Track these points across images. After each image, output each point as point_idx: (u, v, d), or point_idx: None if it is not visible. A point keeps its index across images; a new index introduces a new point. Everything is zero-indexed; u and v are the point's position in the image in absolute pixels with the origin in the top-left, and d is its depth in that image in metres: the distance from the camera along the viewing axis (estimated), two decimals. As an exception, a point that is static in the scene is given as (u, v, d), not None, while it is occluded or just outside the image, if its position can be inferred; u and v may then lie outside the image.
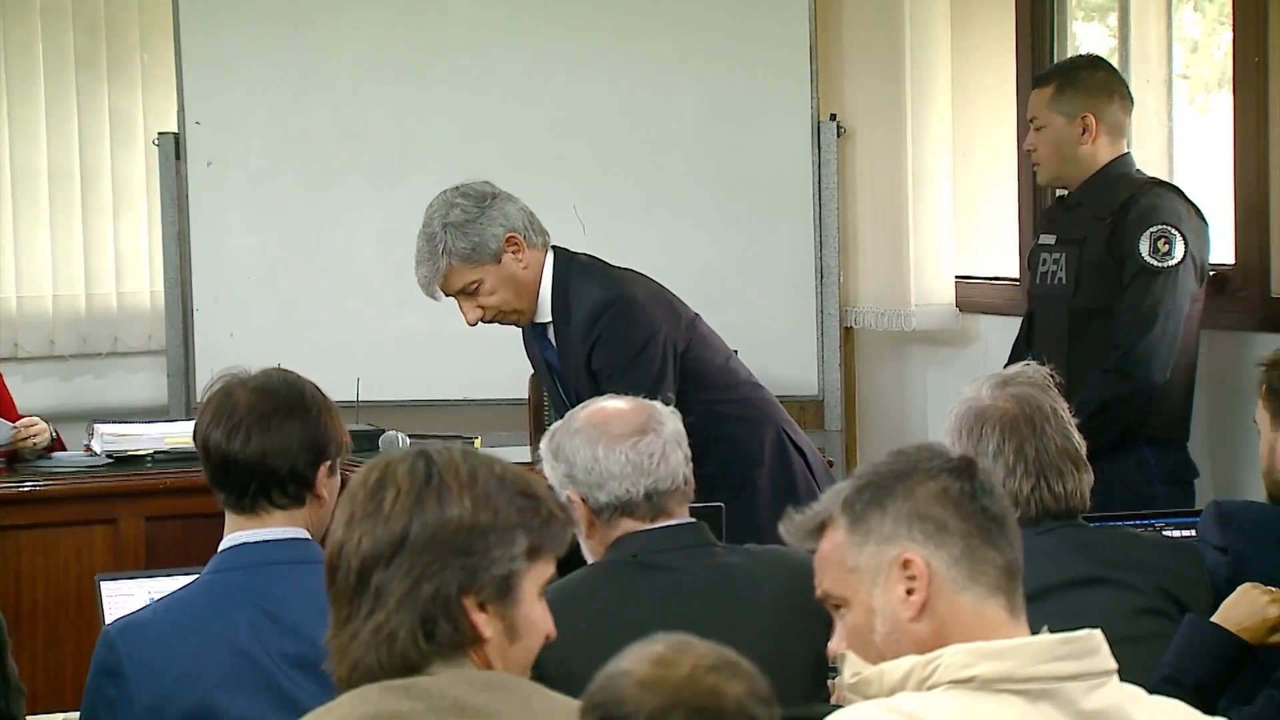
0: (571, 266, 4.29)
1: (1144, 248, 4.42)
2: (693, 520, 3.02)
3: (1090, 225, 4.56)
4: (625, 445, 2.97)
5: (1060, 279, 4.64)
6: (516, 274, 4.22)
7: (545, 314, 4.28)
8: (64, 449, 5.24)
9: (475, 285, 4.22)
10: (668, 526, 2.97)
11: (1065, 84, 4.65)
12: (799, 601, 2.94)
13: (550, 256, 4.28)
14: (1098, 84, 4.64)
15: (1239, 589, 2.94)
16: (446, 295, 4.27)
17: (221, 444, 2.85)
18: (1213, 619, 2.90)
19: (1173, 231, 4.43)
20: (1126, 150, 4.65)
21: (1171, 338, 4.41)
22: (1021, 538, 2.16)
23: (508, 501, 2.14)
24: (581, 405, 3.10)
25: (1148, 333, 4.37)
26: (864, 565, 2.12)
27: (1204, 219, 4.55)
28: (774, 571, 2.99)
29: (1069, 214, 4.68)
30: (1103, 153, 4.61)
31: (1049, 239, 4.71)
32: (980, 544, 2.10)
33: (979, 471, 2.14)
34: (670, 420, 3.04)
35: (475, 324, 4.30)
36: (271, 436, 2.84)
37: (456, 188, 4.28)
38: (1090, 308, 4.55)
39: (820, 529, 2.17)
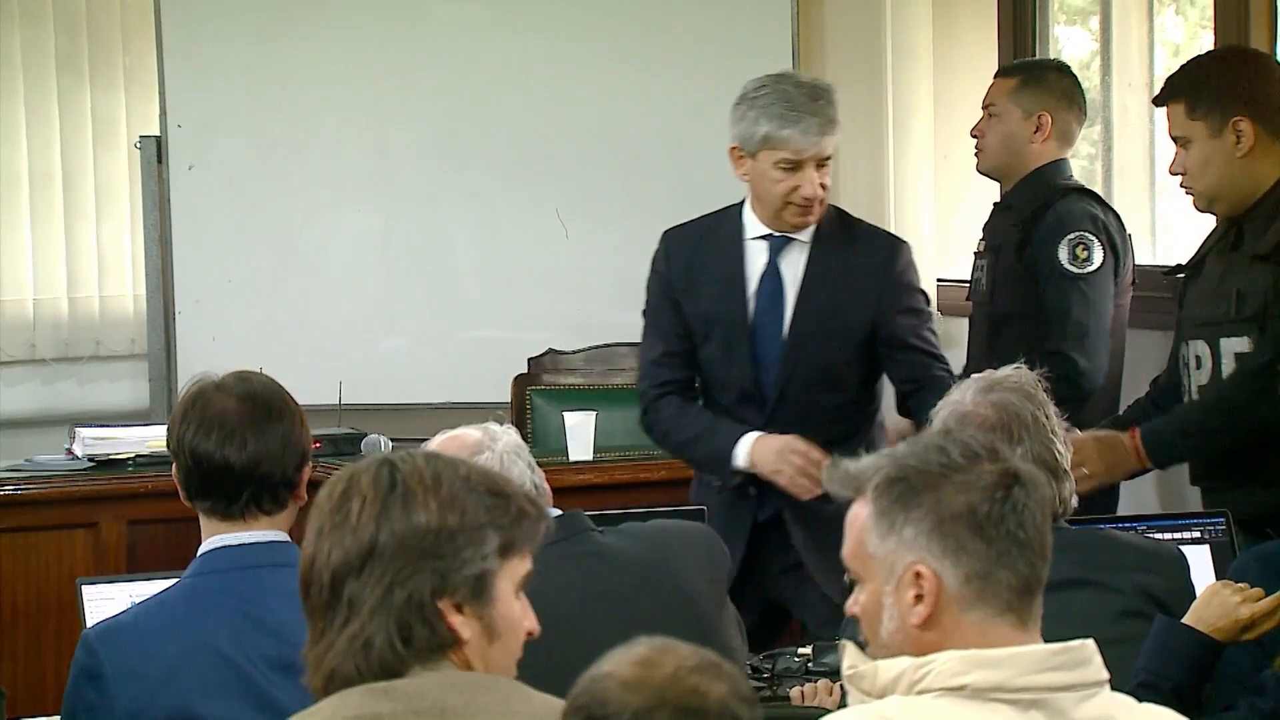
0: None
1: (1063, 255, 4.42)
2: (566, 511, 3.09)
3: (1008, 231, 4.58)
4: None
5: (983, 284, 4.69)
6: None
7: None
8: None
9: (829, 159, 4.14)
10: None
11: (1030, 80, 4.65)
12: (661, 555, 3.10)
13: None
14: (1062, 88, 4.64)
15: (1209, 588, 2.94)
16: (806, 156, 4.10)
17: (213, 452, 2.82)
18: (1184, 620, 2.89)
19: (1090, 238, 4.42)
20: (1065, 158, 4.64)
21: (1104, 342, 4.40)
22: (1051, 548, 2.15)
23: (475, 502, 2.14)
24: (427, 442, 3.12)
25: (1083, 340, 4.33)
26: (881, 558, 2.13)
27: (1121, 222, 4.56)
28: (637, 541, 3.12)
29: (999, 217, 4.69)
30: (1046, 155, 4.60)
31: (980, 245, 4.76)
32: (996, 566, 2.10)
33: (1017, 489, 2.12)
34: (504, 435, 3.09)
35: (814, 199, 4.10)
36: (266, 442, 2.83)
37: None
38: (1005, 313, 4.58)
39: (856, 491, 2.17)
